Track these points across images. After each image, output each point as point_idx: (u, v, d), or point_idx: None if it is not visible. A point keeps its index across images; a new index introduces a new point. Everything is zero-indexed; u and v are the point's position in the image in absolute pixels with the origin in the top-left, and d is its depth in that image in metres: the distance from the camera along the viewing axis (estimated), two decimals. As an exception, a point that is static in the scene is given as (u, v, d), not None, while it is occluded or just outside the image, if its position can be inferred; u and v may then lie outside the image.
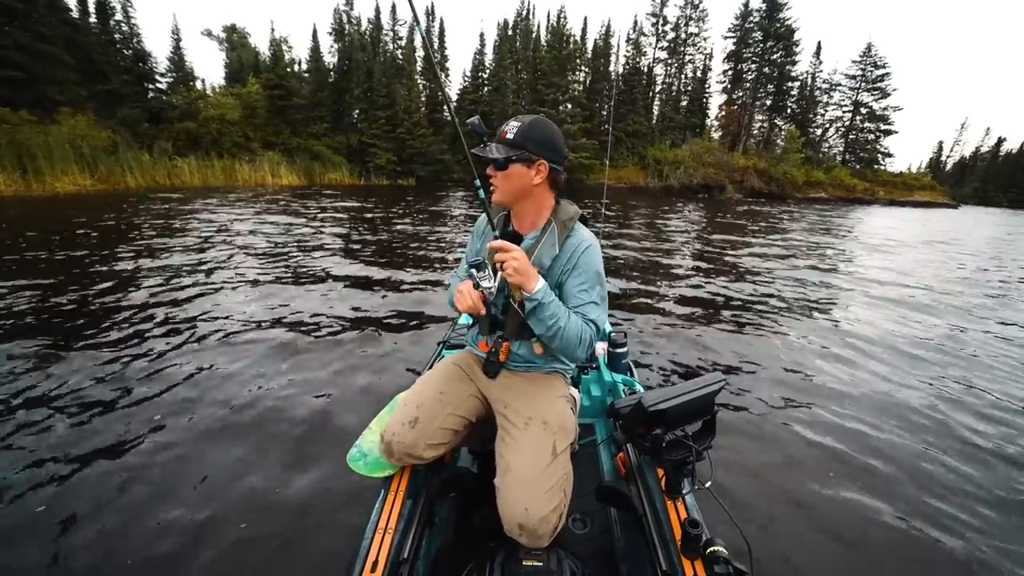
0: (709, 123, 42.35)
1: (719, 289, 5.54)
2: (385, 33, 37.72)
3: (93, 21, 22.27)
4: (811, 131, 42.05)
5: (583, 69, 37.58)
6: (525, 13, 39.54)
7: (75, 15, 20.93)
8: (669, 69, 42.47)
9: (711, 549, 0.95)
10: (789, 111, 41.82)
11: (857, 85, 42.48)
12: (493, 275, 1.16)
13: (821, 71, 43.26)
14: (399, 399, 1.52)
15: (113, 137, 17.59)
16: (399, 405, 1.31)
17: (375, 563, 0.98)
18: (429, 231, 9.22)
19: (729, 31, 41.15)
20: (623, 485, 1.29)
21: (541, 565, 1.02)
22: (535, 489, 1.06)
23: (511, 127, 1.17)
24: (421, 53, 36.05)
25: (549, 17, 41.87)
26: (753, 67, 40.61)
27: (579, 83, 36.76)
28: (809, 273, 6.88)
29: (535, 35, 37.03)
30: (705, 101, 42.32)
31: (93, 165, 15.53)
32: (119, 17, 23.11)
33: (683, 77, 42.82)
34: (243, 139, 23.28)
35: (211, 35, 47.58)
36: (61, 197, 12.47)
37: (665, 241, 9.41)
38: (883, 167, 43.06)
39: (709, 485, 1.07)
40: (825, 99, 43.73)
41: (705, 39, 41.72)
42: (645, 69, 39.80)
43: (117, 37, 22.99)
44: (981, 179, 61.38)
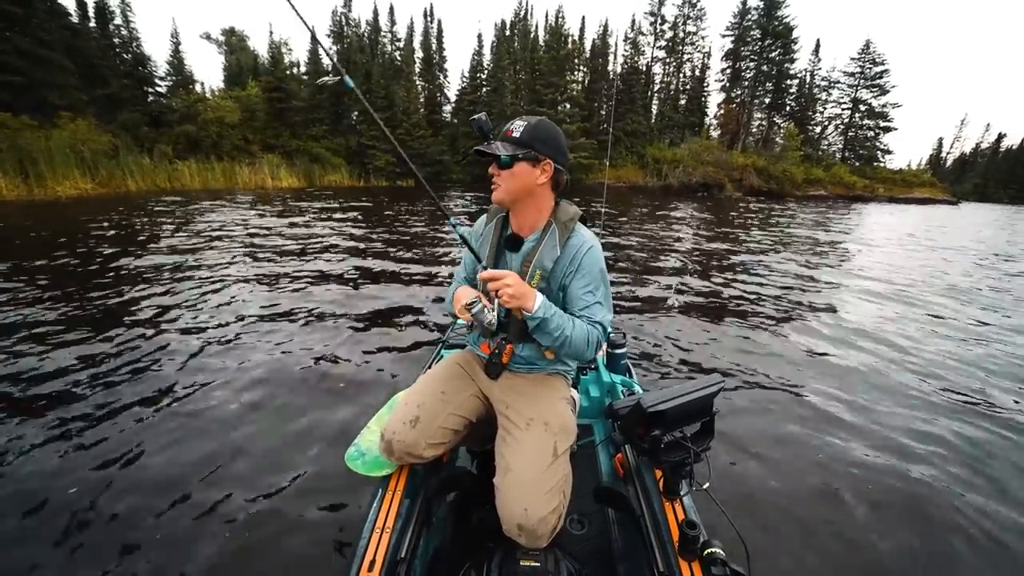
0: (708, 122, 42.30)
1: (718, 288, 5.53)
2: (383, 35, 37.80)
3: (92, 26, 22.29)
4: (810, 129, 42.04)
5: (581, 69, 37.59)
6: (523, 13, 39.56)
7: (74, 20, 20.96)
8: (667, 68, 42.50)
9: (709, 550, 0.95)
10: (788, 109, 41.81)
11: (856, 82, 42.45)
12: (491, 304, 1.17)
13: (820, 69, 43.42)
14: (398, 398, 1.52)
15: (113, 141, 17.59)
16: (400, 404, 1.31)
17: (372, 562, 0.98)
18: (429, 231, 9.22)
19: (727, 29, 41.19)
20: (621, 486, 1.29)
21: (539, 566, 1.02)
22: (535, 490, 1.06)
23: (517, 126, 1.16)
24: (420, 54, 36.13)
25: (547, 17, 41.99)
26: (751, 65, 40.61)
27: (577, 83, 36.77)
28: (808, 271, 6.87)
29: (533, 35, 37.04)
30: (704, 100, 42.35)
31: (94, 169, 15.55)
32: (118, 21, 23.15)
33: (681, 76, 42.88)
34: (243, 142, 23.27)
35: (210, 38, 47.80)
36: (63, 201, 12.46)
37: (664, 240, 9.40)
38: (883, 164, 43.04)
39: (707, 486, 1.07)
40: (824, 97, 43.77)
41: (703, 38, 41.80)
42: (643, 68, 39.79)
43: (116, 41, 23.00)
44: (981, 175, 61.19)
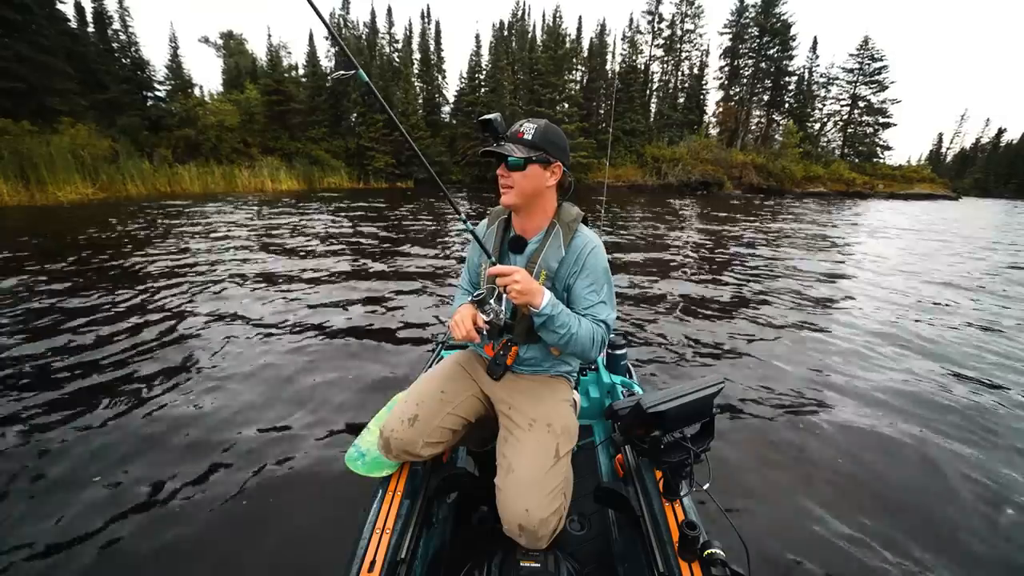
0: (707, 120, 42.28)
1: (718, 287, 5.53)
2: (381, 36, 37.82)
3: (91, 31, 22.37)
4: (809, 126, 41.98)
5: (579, 68, 37.57)
6: (520, 14, 39.59)
7: (73, 25, 21.01)
8: (666, 66, 42.50)
9: (708, 551, 0.95)
10: (787, 106, 41.74)
11: (855, 79, 42.43)
12: (499, 300, 1.17)
13: (818, 65, 43.31)
14: (398, 398, 1.53)
15: (113, 146, 17.68)
16: (399, 402, 1.32)
17: (372, 563, 0.98)
18: (429, 231, 9.23)
19: (725, 27, 41.17)
20: (621, 487, 1.29)
21: (539, 566, 1.02)
22: (537, 491, 1.06)
23: (527, 128, 1.17)
24: (418, 56, 36.14)
25: (544, 17, 41.96)
26: (750, 63, 40.58)
27: (576, 83, 36.76)
28: (807, 268, 6.85)
29: (531, 35, 37.04)
30: (702, 98, 42.24)
31: (94, 174, 15.64)
32: (117, 26, 23.23)
33: (680, 74, 42.85)
34: (242, 145, 23.35)
35: (208, 42, 47.90)
36: (64, 206, 12.52)
37: (664, 239, 9.39)
38: (882, 160, 42.93)
39: (707, 487, 1.07)
40: (823, 93, 43.76)
41: (701, 36, 41.96)
42: (642, 67, 39.78)
43: (115, 46, 23.08)
44: (982, 170, 61.14)
